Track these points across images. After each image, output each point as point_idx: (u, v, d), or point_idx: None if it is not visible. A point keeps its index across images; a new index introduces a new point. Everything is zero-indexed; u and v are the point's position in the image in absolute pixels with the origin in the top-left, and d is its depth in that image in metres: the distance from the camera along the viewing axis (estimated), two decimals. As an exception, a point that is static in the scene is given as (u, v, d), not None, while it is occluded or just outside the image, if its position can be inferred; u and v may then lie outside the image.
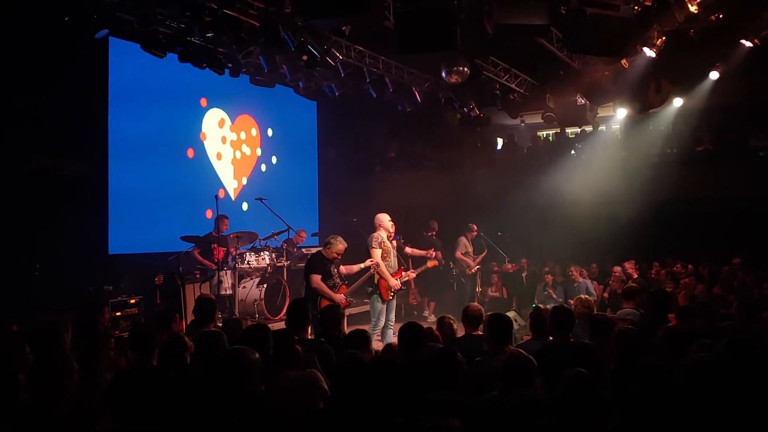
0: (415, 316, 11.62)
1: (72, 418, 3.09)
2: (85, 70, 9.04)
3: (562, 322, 4.75)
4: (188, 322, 6.94)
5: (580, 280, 10.97)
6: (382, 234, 7.88)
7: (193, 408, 3.29)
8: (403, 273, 8.15)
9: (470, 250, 11.51)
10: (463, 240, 11.54)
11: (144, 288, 8.87)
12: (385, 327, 7.84)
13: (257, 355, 3.43)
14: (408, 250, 10.00)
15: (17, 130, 8.43)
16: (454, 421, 2.72)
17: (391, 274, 7.78)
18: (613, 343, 4.17)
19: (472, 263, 11.36)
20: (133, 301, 8.51)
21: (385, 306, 7.79)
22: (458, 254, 11.45)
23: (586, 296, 6.69)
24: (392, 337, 7.50)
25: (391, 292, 7.83)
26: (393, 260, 8.01)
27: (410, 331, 4.58)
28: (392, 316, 8.02)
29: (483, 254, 11.52)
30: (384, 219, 8.08)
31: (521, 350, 3.97)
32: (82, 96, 9.08)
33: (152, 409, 3.40)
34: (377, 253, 7.73)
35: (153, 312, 8.20)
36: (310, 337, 5.65)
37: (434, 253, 9.40)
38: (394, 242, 8.27)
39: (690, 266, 10.53)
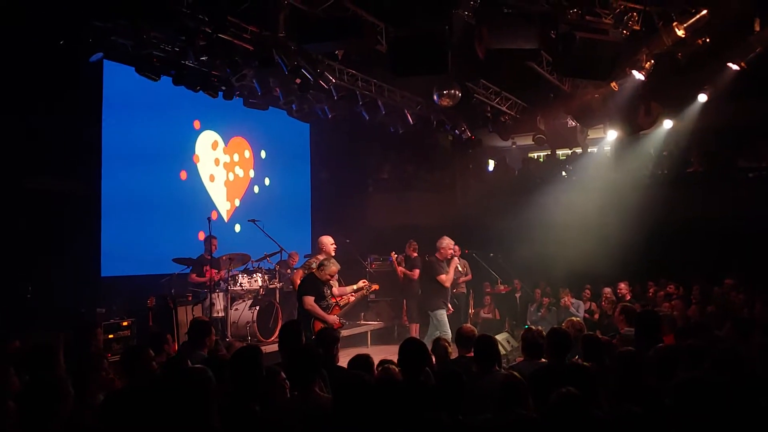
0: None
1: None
2: (79, 93, 9.07)
3: (559, 344, 4.74)
4: (180, 344, 6.96)
5: (573, 300, 11.03)
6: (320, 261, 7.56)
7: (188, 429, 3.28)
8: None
9: None
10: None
11: (136, 310, 8.81)
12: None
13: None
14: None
15: (11, 150, 8.43)
16: None
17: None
18: (615, 365, 4.18)
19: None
20: (125, 323, 8.48)
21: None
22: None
23: (578, 319, 6.72)
24: None
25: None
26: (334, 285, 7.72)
27: (410, 348, 4.46)
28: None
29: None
30: (326, 242, 8.11)
31: (513, 372, 3.98)
32: (76, 118, 9.08)
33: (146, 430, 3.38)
34: None
35: (145, 334, 8.16)
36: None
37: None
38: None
39: (681, 287, 10.57)
